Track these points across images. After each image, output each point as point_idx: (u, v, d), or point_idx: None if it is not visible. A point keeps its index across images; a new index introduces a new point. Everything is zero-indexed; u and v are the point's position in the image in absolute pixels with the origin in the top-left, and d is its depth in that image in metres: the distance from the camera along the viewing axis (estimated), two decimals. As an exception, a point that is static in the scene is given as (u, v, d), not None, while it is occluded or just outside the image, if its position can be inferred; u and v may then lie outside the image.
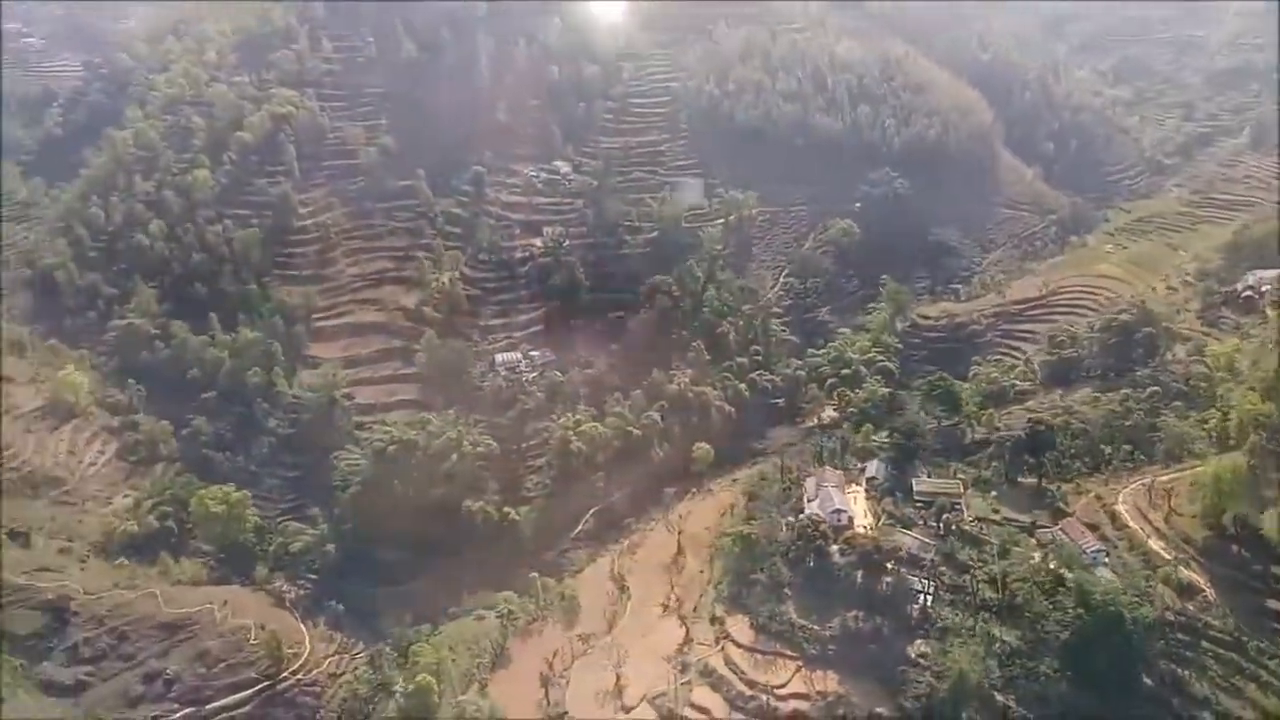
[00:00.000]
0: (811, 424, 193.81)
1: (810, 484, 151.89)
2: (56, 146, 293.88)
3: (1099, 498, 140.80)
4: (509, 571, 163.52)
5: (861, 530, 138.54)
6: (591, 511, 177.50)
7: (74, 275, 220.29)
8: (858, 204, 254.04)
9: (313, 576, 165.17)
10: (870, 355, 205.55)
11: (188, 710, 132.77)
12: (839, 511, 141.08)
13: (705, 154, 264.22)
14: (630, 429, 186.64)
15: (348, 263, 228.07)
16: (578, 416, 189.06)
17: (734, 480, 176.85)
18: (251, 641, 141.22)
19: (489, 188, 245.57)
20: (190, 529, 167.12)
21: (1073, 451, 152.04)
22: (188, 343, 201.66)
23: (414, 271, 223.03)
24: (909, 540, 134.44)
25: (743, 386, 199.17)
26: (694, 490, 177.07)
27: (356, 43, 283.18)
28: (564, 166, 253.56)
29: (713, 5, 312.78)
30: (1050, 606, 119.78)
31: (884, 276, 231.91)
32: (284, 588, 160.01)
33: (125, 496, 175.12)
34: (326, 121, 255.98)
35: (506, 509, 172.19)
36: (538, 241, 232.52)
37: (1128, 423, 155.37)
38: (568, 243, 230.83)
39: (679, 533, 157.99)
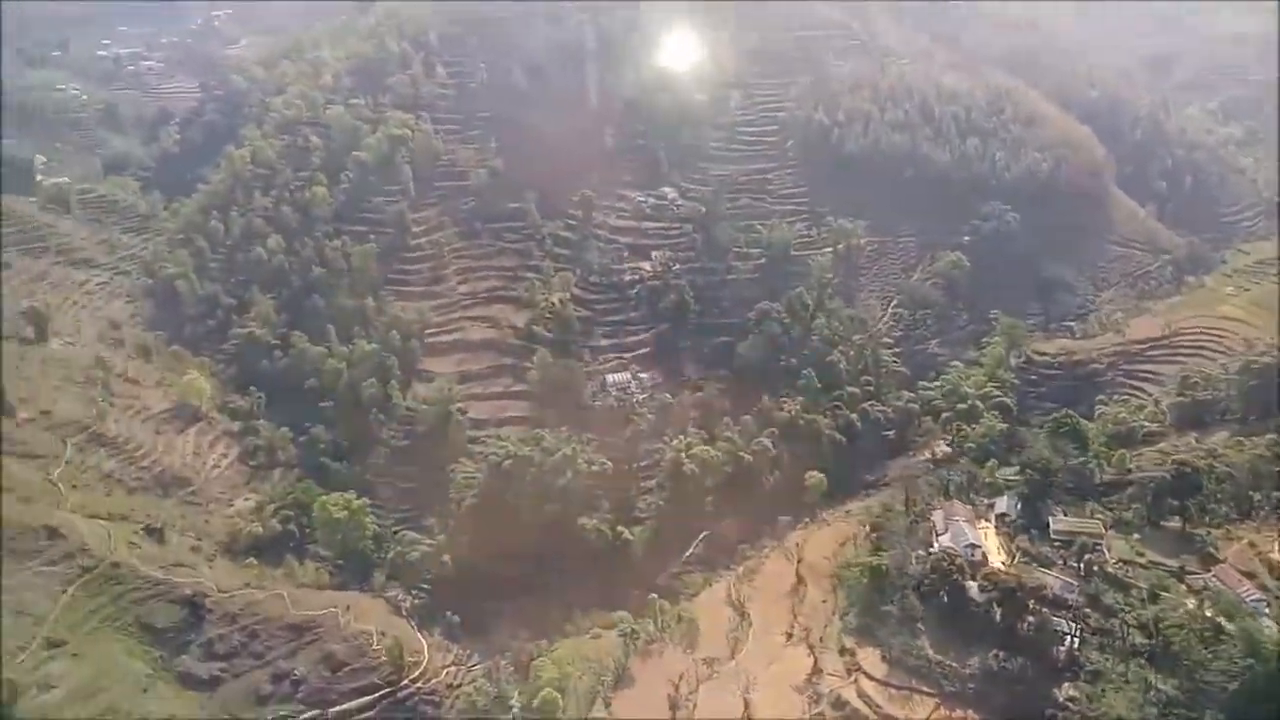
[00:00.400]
0: (925, 457, 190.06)
1: (939, 517, 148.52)
2: (173, 163, 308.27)
3: (1253, 545, 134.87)
4: (621, 591, 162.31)
5: (999, 567, 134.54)
6: (703, 535, 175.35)
7: (195, 285, 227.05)
8: (967, 237, 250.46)
9: (427, 587, 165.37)
10: (986, 390, 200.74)
11: (314, 712, 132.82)
12: (973, 546, 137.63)
13: (813, 183, 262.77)
14: (741, 454, 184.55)
15: (458, 280, 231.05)
16: (689, 439, 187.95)
17: (847, 511, 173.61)
18: (374, 647, 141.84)
19: (597, 211, 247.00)
20: (310, 533, 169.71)
21: (1218, 496, 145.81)
22: (306, 353, 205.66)
23: (523, 291, 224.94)
24: (1052, 580, 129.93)
25: (854, 416, 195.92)
26: (807, 519, 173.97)
27: (469, 69, 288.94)
28: (671, 192, 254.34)
29: (820, 38, 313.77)
30: (1210, 655, 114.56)
31: (995, 311, 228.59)
32: (400, 596, 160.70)
33: (247, 499, 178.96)
34: (440, 144, 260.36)
35: (620, 528, 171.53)
36: (646, 265, 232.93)
37: (1278, 469, 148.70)
38: (676, 267, 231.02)
39: (798, 561, 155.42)
